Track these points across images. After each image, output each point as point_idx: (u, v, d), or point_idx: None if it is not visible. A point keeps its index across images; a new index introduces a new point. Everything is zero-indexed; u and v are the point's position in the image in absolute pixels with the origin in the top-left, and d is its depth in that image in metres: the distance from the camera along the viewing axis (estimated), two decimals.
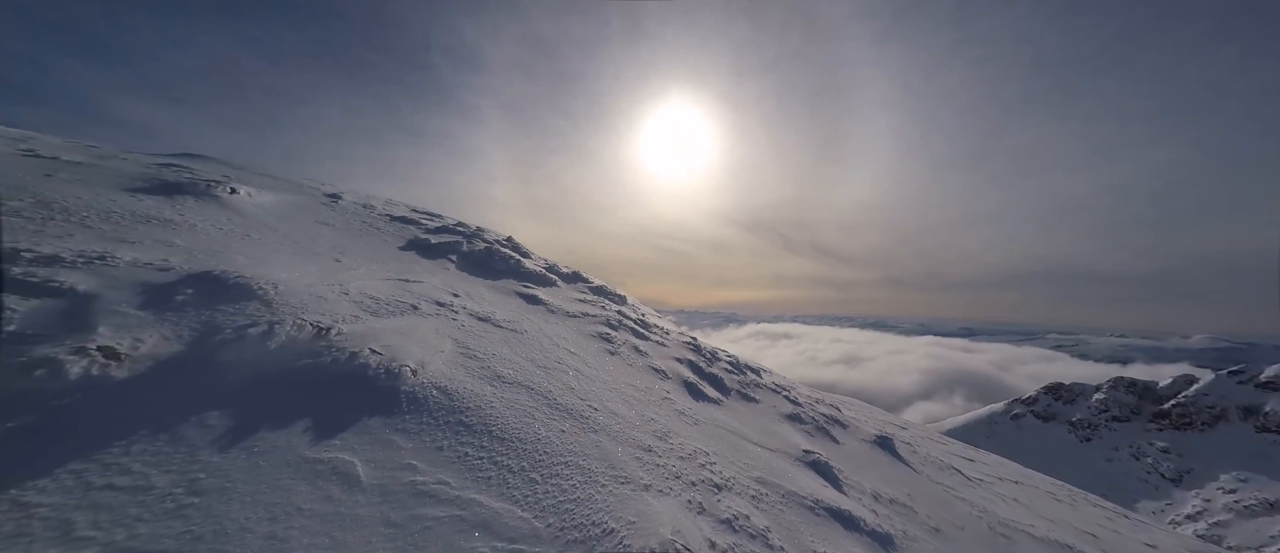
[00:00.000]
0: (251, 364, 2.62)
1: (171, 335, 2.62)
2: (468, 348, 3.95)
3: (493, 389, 3.40)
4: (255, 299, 3.22)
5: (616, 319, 7.00)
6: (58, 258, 2.96)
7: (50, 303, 2.52)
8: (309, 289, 3.79)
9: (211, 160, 9.33)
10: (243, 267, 3.73)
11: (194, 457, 2.02)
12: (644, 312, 8.92)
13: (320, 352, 2.91)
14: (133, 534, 1.65)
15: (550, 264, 9.43)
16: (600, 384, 4.41)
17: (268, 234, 5.34)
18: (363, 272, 5.08)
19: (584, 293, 8.23)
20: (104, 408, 2.09)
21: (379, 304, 4.19)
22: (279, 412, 2.44)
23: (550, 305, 6.59)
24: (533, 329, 5.21)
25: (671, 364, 6.08)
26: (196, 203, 5.32)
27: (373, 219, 8.22)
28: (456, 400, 3.04)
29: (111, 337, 2.39)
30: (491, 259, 7.86)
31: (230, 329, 2.74)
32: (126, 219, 4.11)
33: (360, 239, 6.71)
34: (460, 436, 2.75)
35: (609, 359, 5.33)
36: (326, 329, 3.08)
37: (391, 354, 3.17)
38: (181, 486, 1.87)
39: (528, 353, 4.41)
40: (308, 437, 2.36)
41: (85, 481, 1.77)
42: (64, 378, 2.09)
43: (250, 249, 4.46)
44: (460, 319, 4.64)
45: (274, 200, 6.88)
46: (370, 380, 2.88)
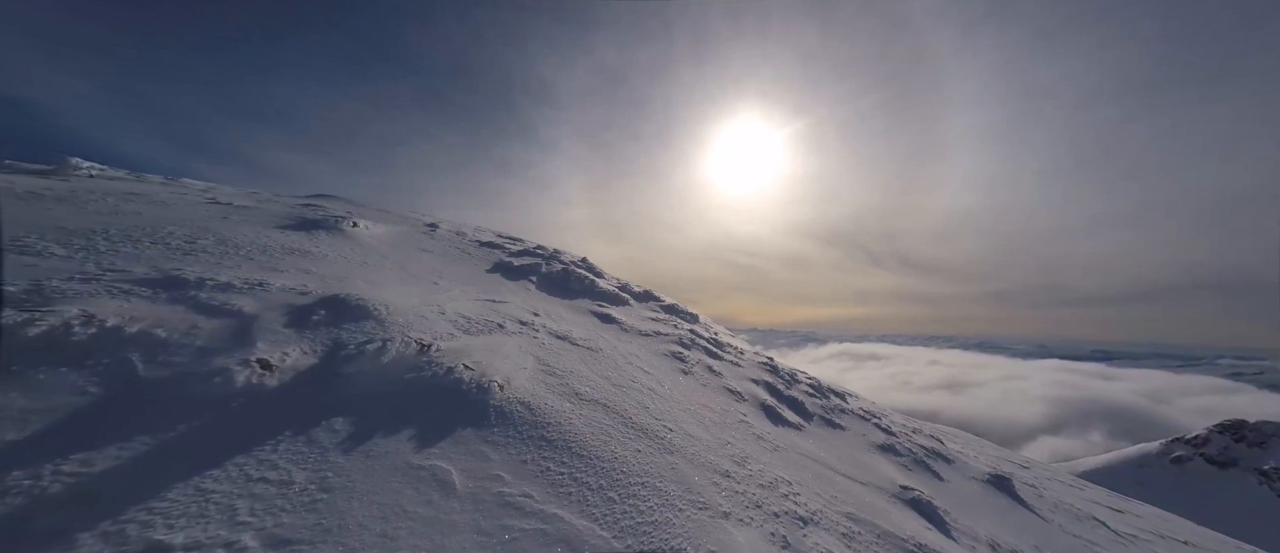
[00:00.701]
0: (369, 376, 2.96)
1: (309, 350, 3.06)
2: (548, 365, 4.14)
3: (572, 406, 3.50)
4: (371, 319, 3.66)
5: (689, 338, 6.93)
6: (230, 285, 3.61)
7: (225, 322, 3.07)
8: (413, 310, 4.23)
9: (338, 199, 10.89)
10: (362, 290, 4.27)
11: (324, 458, 2.32)
12: (716, 330, 8.75)
13: (423, 366, 3.21)
14: (278, 522, 1.92)
15: (622, 283, 9.64)
16: (674, 404, 4.37)
17: (381, 261, 6.08)
18: (457, 293, 5.57)
19: (656, 312, 8.28)
20: (260, 411, 2.48)
21: (470, 323, 4.55)
22: (389, 420, 2.73)
23: (623, 324, 6.71)
24: (608, 348, 5.32)
25: (747, 386, 5.86)
26: (328, 236, 6.23)
27: (464, 245, 9.03)
28: (539, 416, 3.18)
29: (266, 351, 2.85)
30: (568, 280, 8.22)
31: (353, 345, 3.13)
32: (277, 252, 4.92)
33: (454, 263, 7.39)
34: (542, 451, 2.86)
35: (682, 379, 5.27)
36: (428, 346, 3.41)
37: (482, 370, 3.41)
38: (315, 482, 2.15)
39: (603, 371, 4.51)
40: (412, 444, 2.61)
41: (246, 473, 2.10)
42: (233, 385, 2.52)
43: (368, 275, 5.11)
44: (541, 337, 4.88)
45: (385, 231, 7.85)
46: (463, 394, 3.11)
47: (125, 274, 3.43)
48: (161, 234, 4.52)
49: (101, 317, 2.68)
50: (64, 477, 1.84)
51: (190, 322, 2.95)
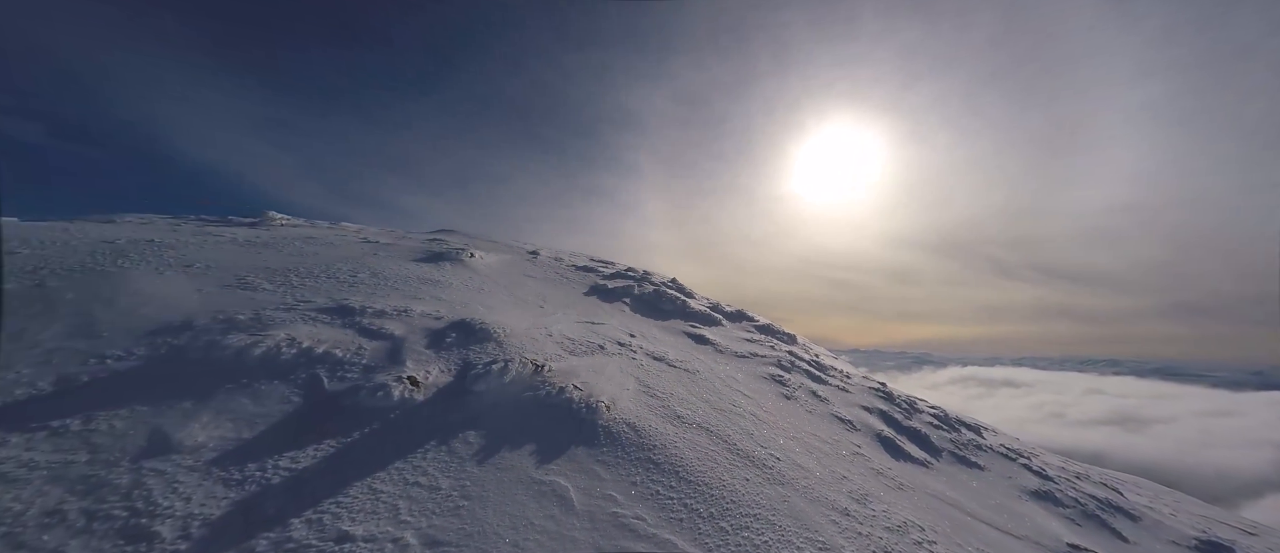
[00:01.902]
0: (494, 394, 3.27)
1: (446, 369, 3.46)
2: (649, 387, 4.20)
3: (675, 429, 3.51)
4: (492, 340, 4.05)
5: (788, 360, 6.59)
6: (383, 311, 4.25)
7: (382, 343, 3.61)
8: (525, 332, 4.60)
9: (456, 232, 12.33)
10: (482, 314, 4.75)
11: (463, 467, 2.59)
12: (817, 351, 8.20)
13: (538, 386, 3.46)
14: (431, 524, 2.17)
15: (713, 303, 9.52)
16: (779, 431, 4.15)
17: (494, 287, 6.73)
18: (560, 316, 5.94)
19: (750, 332, 8.02)
20: (411, 422, 2.85)
21: (574, 344, 4.81)
22: (513, 435, 2.97)
23: (718, 345, 6.59)
24: (704, 369, 5.26)
25: (859, 413, 5.38)
26: (451, 266, 7.07)
27: (563, 270, 9.63)
28: (644, 437, 3.23)
29: (414, 369, 3.29)
30: (660, 300, 8.33)
31: (480, 365, 3.49)
32: (414, 282, 5.70)
33: (556, 287, 7.91)
34: (650, 473, 2.89)
35: (785, 404, 5.01)
36: (541, 366, 3.67)
37: (589, 390, 3.58)
38: (457, 490, 2.41)
39: (702, 394, 4.46)
40: (533, 459, 2.80)
41: (404, 477, 2.42)
42: (391, 398, 2.94)
43: (485, 300, 5.68)
44: (639, 359, 4.98)
45: (495, 260, 8.69)
46: (574, 413, 3.28)
47: (311, 303, 4.21)
48: (332, 270, 5.49)
49: (299, 339, 3.31)
50: (281, 470, 2.29)
51: (358, 343, 3.52)
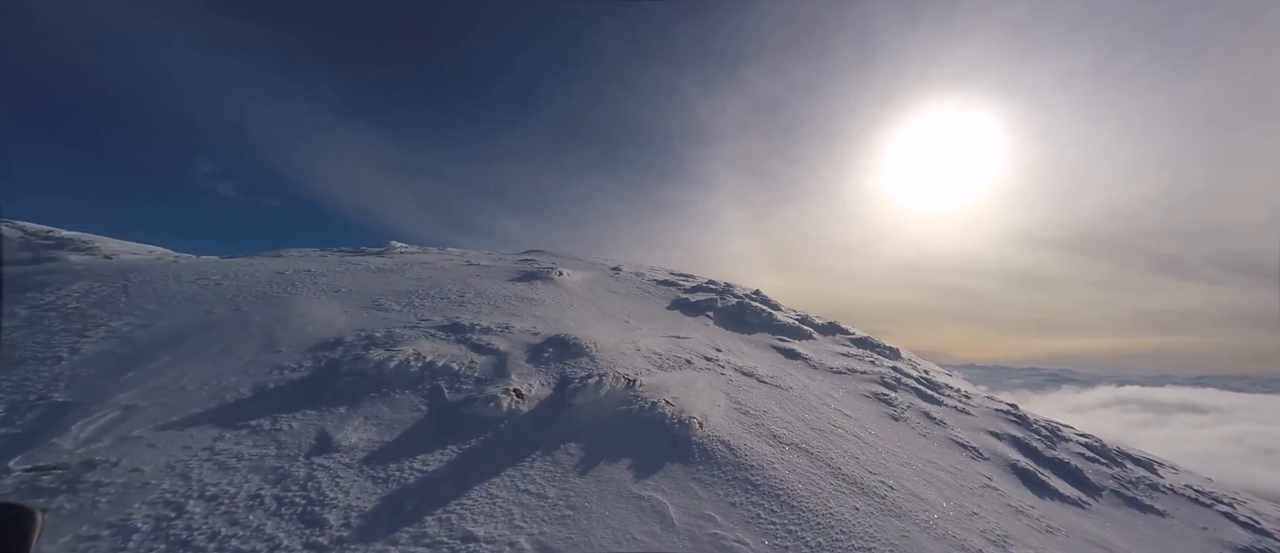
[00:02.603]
0: (591, 407, 3.40)
1: (545, 382, 3.68)
2: (740, 403, 4.08)
3: (772, 449, 3.36)
4: (585, 355, 4.23)
5: (892, 377, 6.01)
6: (489, 328, 4.65)
7: (490, 358, 3.95)
8: (615, 347, 4.73)
9: (543, 252, 13.15)
10: (574, 330, 4.99)
11: (566, 478, 2.72)
12: (926, 367, 7.38)
13: (631, 400, 3.53)
14: (541, 531, 2.30)
15: (802, 315, 9.04)
16: (889, 456, 3.79)
17: (581, 303, 7.05)
18: (646, 330, 6.04)
19: (846, 346, 7.46)
20: (519, 432, 3.06)
21: (661, 359, 4.84)
22: (610, 449, 3.05)
23: (810, 360, 6.23)
24: (797, 386, 4.99)
25: (985, 440, 4.72)
26: (542, 285, 7.55)
27: (644, 285, 9.80)
28: (740, 457, 3.13)
29: (518, 382, 3.55)
30: (744, 313, 8.11)
31: (577, 379, 3.65)
32: (512, 300, 6.16)
33: (639, 302, 8.06)
34: (749, 495, 2.79)
35: (893, 426, 4.56)
36: (633, 381, 3.74)
37: (680, 405, 3.57)
38: (563, 500, 2.53)
39: (798, 412, 4.22)
40: (631, 474, 2.85)
41: (516, 484, 2.60)
42: (500, 409, 3.19)
43: (575, 316, 5.97)
44: (727, 374, 4.87)
45: (581, 277, 9.10)
46: (667, 429, 3.29)
47: (430, 321, 4.74)
48: (445, 291, 6.14)
49: (424, 354, 3.74)
50: (415, 471, 2.58)
51: (470, 358, 3.88)
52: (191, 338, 3.87)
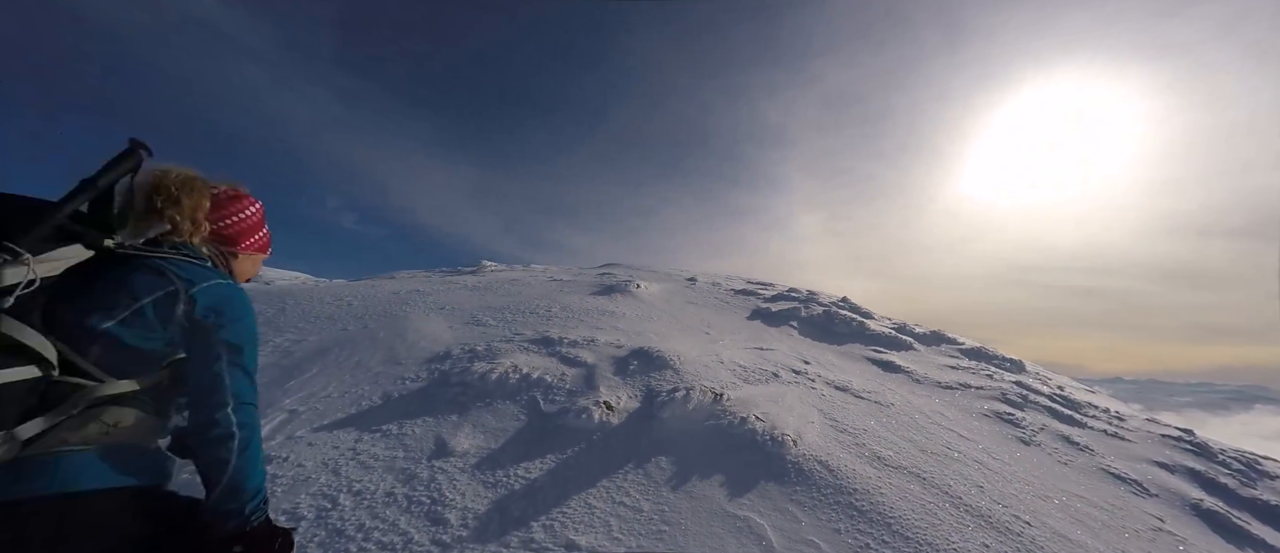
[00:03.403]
0: (679, 421, 3.39)
1: (633, 395, 3.75)
2: (836, 420, 3.83)
3: (876, 472, 3.10)
4: (670, 368, 4.24)
5: (1017, 393, 5.28)
6: (576, 341, 4.86)
7: (579, 370, 4.11)
8: (697, 360, 4.69)
9: (619, 265, 13.49)
10: (656, 342, 5.03)
11: (659, 492, 2.73)
12: (1059, 382, 6.36)
13: (719, 415, 3.47)
14: (639, 545, 2.33)
15: (898, 324, 8.29)
16: (1021, 486, 3.31)
17: (660, 315, 7.10)
18: (727, 342, 5.92)
19: (954, 357, 6.70)
20: (611, 444, 3.14)
21: (747, 372, 4.71)
22: (701, 464, 3.01)
23: (913, 374, 5.67)
24: (900, 402, 4.57)
25: (1151, 471, 3.94)
26: (622, 298, 7.74)
27: (722, 295, 9.64)
28: (841, 479, 2.92)
29: (607, 394, 3.65)
30: (832, 323, 7.63)
31: (664, 393, 3.67)
32: (595, 313, 6.39)
33: (718, 313, 7.94)
34: (856, 521, 2.59)
35: (1023, 451, 3.98)
36: (720, 395, 3.68)
37: (771, 421, 3.43)
38: (658, 514, 2.54)
39: (903, 432, 3.86)
40: (724, 491, 2.79)
41: (611, 496, 2.66)
42: (593, 420, 3.30)
43: (656, 328, 6.03)
44: (818, 388, 4.60)
45: (658, 289, 9.18)
46: (759, 446, 3.18)
47: (523, 335, 5.07)
48: (533, 306, 6.54)
49: (520, 367, 4.00)
50: (519, 478, 2.75)
51: (561, 370, 4.07)
52: (332, 352, 4.50)
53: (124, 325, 0.82)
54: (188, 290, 0.87)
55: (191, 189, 0.95)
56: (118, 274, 0.84)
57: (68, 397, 0.75)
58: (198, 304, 0.87)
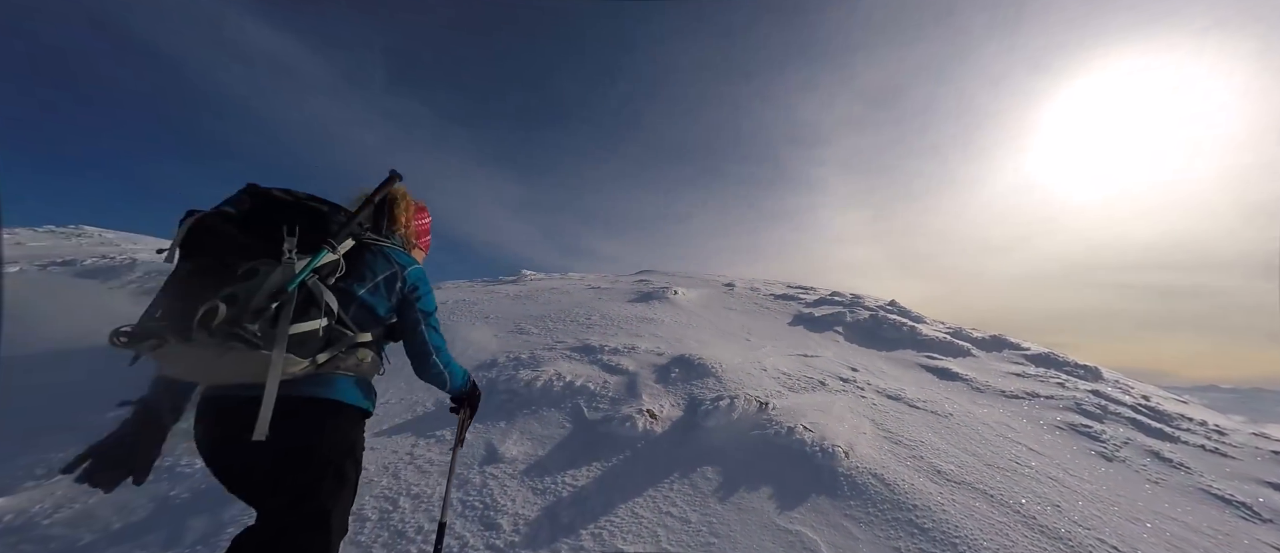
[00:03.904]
0: (724, 430, 3.34)
1: (675, 403, 3.73)
2: (889, 431, 3.65)
3: (937, 488, 2.92)
4: (711, 376, 4.19)
5: (1094, 403, 4.85)
6: (617, 349, 4.90)
7: (621, 378, 4.14)
8: (739, 367, 4.61)
9: (656, 272, 13.49)
10: (697, 349, 4.99)
11: (706, 503, 2.69)
12: (1143, 391, 5.78)
13: (765, 424, 3.39)
14: None
15: (954, 328, 7.82)
16: (1105, 507, 3.02)
17: (699, 322, 7.05)
18: (769, 349, 5.78)
19: (1019, 363, 6.25)
20: (655, 453, 3.14)
21: (791, 380, 4.58)
22: (748, 475, 2.95)
23: (973, 382, 5.33)
24: (959, 413, 4.30)
25: (1263, 492, 3.51)
26: (660, 304, 7.73)
27: (761, 300, 9.45)
28: (898, 495, 2.78)
29: (650, 403, 3.65)
30: (880, 328, 7.30)
31: (707, 401, 3.63)
32: (634, 320, 6.42)
33: (758, 319, 7.78)
34: (917, 540, 2.45)
35: (1106, 468, 3.65)
36: (765, 404, 3.59)
37: (820, 431, 3.31)
38: (706, 526, 2.50)
39: (966, 444, 3.63)
40: (773, 504, 2.71)
41: (657, 505, 2.65)
42: (636, 429, 3.31)
43: (695, 335, 5.98)
44: (869, 397, 4.41)
45: (696, 295, 9.11)
46: (809, 457, 3.07)
47: (564, 343, 5.16)
48: (573, 314, 6.65)
49: (563, 375, 4.08)
50: (567, 485, 2.79)
51: (603, 378, 4.11)
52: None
53: (369, 293, 1.23)
54: (403, 271, 1.30)
55: (407, 203, 1.46)
56: (367, 257, 1.24)
57: (339, 340, 1.14)
58: (407, 281, 1.31)
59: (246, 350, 0.95)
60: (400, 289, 1.29)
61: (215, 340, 0.93)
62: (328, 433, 1.14)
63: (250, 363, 0.97)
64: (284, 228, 1.08)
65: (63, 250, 14.44)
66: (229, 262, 1.02)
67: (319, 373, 1.12)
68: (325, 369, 1.13)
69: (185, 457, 3.14)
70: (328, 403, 1.15)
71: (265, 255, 1.04)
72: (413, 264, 1.34)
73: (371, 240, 1.27)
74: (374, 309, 1.24)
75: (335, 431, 1.16)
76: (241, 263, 1.01)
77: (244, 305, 0.96)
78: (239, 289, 0.97)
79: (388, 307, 1.28)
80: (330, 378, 1.15)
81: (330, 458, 1.14)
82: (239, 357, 0.96)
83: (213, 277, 0.99)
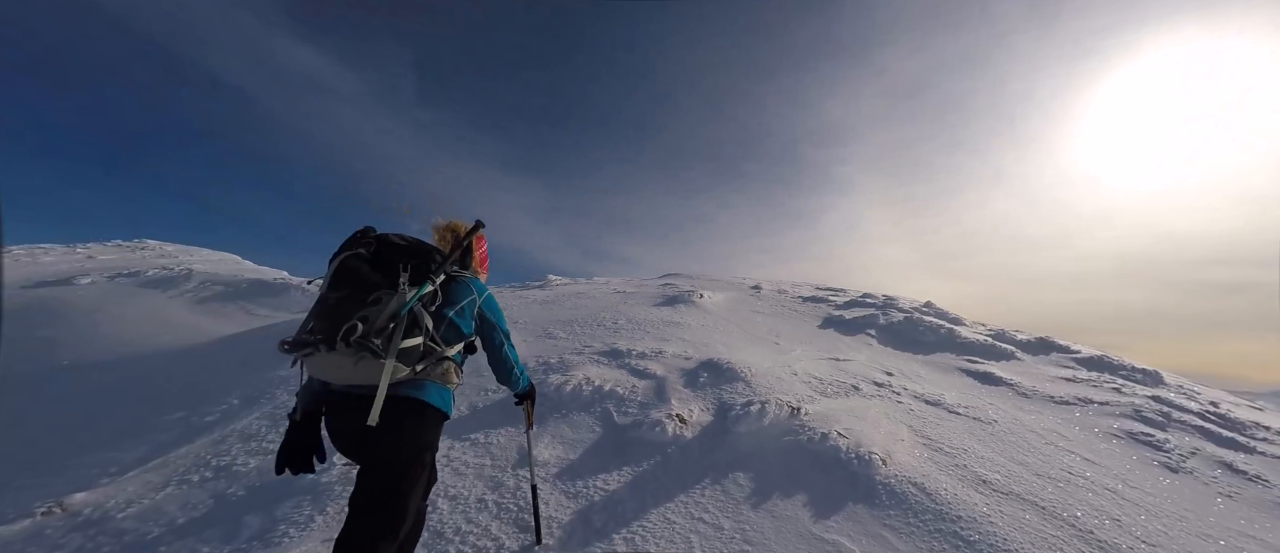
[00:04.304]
0: (755, 436, 3.29)
1: (705, 408, 3.70)
2: (929, 438, 3.52)
3: (982, 498, 2.80)
4: (741, 380, 4.14)
5: (1155, 410, 4.54)
6: (644, 353, 4.90)
7: (649, 382, 4.14)
8: (769, 371, 4.54)
9: (680, 275, 13.44)
10: (725, 353, 4.94)
11: (739, 510, 2.65)
12: (1211, 396, 5.37)
13: (796, 430, 3.32)
14: None
15: (996, 330, 7.48)
16: (1173, 523, 2.82)
17: (726, 325, 6.98)
18: (799, 352, 5.67)
19: (1069, 367, 5.92)
20: (686, 458, 3.12)
21: (823, 384, 4.47)
22: (781, 481, 2.89)
23: (1019, 387, 5.08)
24: (1005, 419, 4.10)
25: None
26: (685, 308, 7.70)
27: (789, 302, 9.28)
28: (941, 504, 2.67)
29: (679, 407, 3.64)
30: (916, 330, 7.05)
31: (738, 406, 3.59)
32: (660, 324, 6.41)
33: (786, 321, 7.64)
34: (962, 552, 2.35)
35: (1171, 480, 3.40)
36: (796, 409, 3.52)
37: (855, 438, 3.22)
38: (739, 533, 2.47)
39: (1012, 453, 3.46)
40: (808, 512, 2.65)
41: (690, 512, 2.63)
42: (666, 434, 3.30)
43: (722, 339, 5.92)
44: (906, 402, 4.26)
45: (721, 298, 9.03)
46: (844, 464, 2.99)
47: (592, 347, 5.20)
48: (599, 318, 6.69)
49: (592, 379, 4.11)
50: (598, 489, 2.81)
51: (631, 382, 4.12)
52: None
53: (456, 316, 1.60)
54: (480, 297, 1.71)
55: (480, 240, 1.87)
56: (455, 287, 1.64)
57: (431, 354, 1.49)
58: (484, 306, 1.73)
59: (371, 359, 1.32)
60: (479, 313, 1.72)
61: (351, 351, 1.30)
62: (416, 426, 1.49)
63: (372, 368, 1.33)
64: (400, 266, 1.44)
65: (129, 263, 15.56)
66: (362, 292, 1.38)
67: (416, 378, 1.47)
68: (420, 376, 1.48)
69: (241, 456, 3.32)
70: (419, 403, 1.49)
71: (387, 287, 1.41)
72: (485, 291, 1.76)
73: (456, 273, 1.68)
74: (460, 329, 1.62)
75: (420, 426, 1.51)
76: (370, 292, 1.38)
77: (372, 325, 1.33)
78: (370, 312, 1.35)
79: (470, 328, 1.68)
80: (423, 383, 1.50)
81: (417, 444, 1.51)
82: (365, 364, 1.32)
83: (351, 303, 1.35)
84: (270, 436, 3.57)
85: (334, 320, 1.31)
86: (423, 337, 1.44)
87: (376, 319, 1.33)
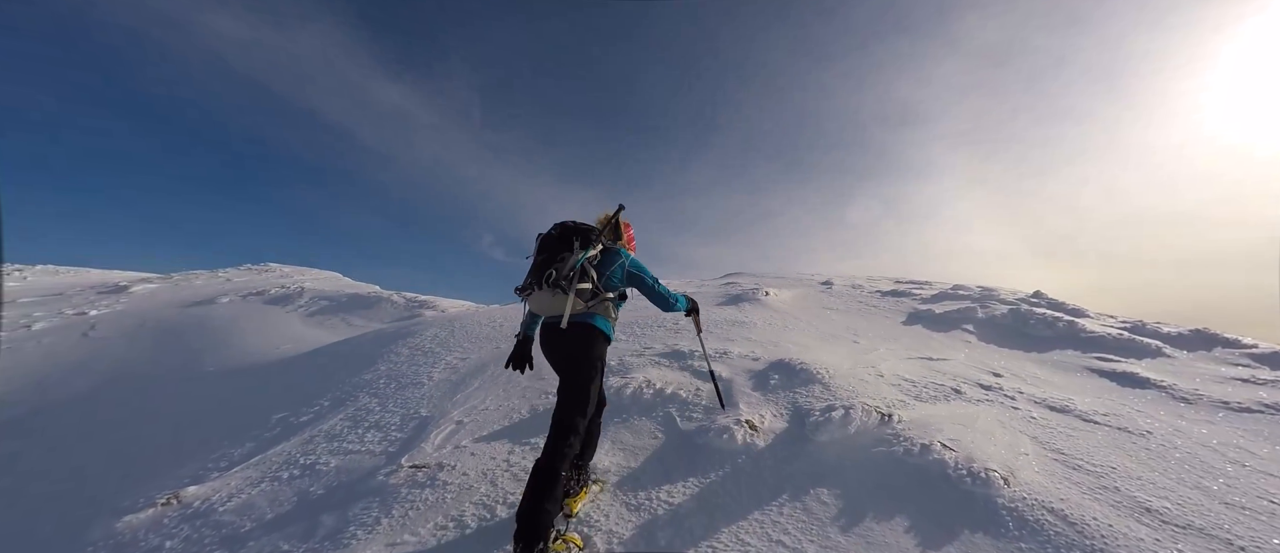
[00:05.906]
0: (838, 445, 2.90)
1: (778, 413, 3.35)
2: (1062, 453, 2.90)
3: (1149, 531, 2.20)
4: (818, 383, 3.73)
5: None
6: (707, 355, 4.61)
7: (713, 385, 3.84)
8: (850, 372, 4.06)
9: (744, 274, 12.88)
10: (797, 354, 4.52)
11: (825, 532, 2.30)
12: None
13: (889, 440, 2.87)
14: None
15: (1131, 322, 6.25)
16: None
17: (797, 323, 6.46)
18: (883, 351, 5.07)
19: (1242, 365, 4.75)
20: (757, 469, 2.81)
21: (917, 387, 3.91)
22: (874, 501, 2.49)
23: (1175, 390, 4.13)
24: (1161, 430, 3.32)
25: None
26: (751, 307, 7.27)
27: (865, 297, 8.47)
28: (1091, 539, 2.13)
29: (748, 412, 3.32)
30: (1025, 324, 6.07)
31: (817, 411, 3.21)
32: (724, 324, 6.07)
33: (864, 318, 6.95)
34: None
35: None
36: (888, 415, 3.07)
37: (965, 451, 2.72)
38: None
39: (1178, 473, 2.75)
40: (911, 539, 2.24)
41: (766, 532, 2.33)
42: (735, 441, 3.01)
43: (794, 338, 5.46)
44: (1023, 408, 3.60)
45: (789, 295, 8.45)
46: (953, 482, 2.52)
47: (652, 349, 5.01)
48: (659, 319, 6.49)
49: (653, 382, 3.91)
50: (662, 502, 2.59)
51: (695, 385, 3.86)
52: (488, 368, 5.00)
53: (611, 274, 2.44)
54: (625, 260, 2.51)
55: (625, 223, 2.69)
56: (608, 254, 2.49)
57: (597, 296, 2.33)
58: (630, 266, 2.52)
59: (562, 295, 2.20)
60: (627, 271, 2.50)
61: (549, 289, 2.19)
62: (591, 342, 2.33)
63: (562, 301, 2.20)
64: (575, 238, 2.33)
65: (255, 283, 17.97)
66: (553, 253, 2.28)
67: (588, 310, 2.31)
68: (591, 309, 2.32)
69: (325, 456, 3.52)
70: (592, 326, 2.32)
71: (568, 249, 2.28)
72: (631, 256, 2.58)
73: (609, 245, 2.51)
74: (612, 280, 2.44)
75: (593, 341, 2.33)
76: (558, 253, 2.27)
77: (561, 271, 2.20)
78: (558, 266, 2.21)
79: (620, 279, 2.48)
80: (593, 314, 2.33)
81: (592, 352, 2.32)
82: (558, 297, 2.20)
83: (548, 261, 2.25)
84: (350, 436, 3.77)
85: (539, 271, 2.24)
86: (590, 282, 2.29)
87: (562, 269, 2.20)
